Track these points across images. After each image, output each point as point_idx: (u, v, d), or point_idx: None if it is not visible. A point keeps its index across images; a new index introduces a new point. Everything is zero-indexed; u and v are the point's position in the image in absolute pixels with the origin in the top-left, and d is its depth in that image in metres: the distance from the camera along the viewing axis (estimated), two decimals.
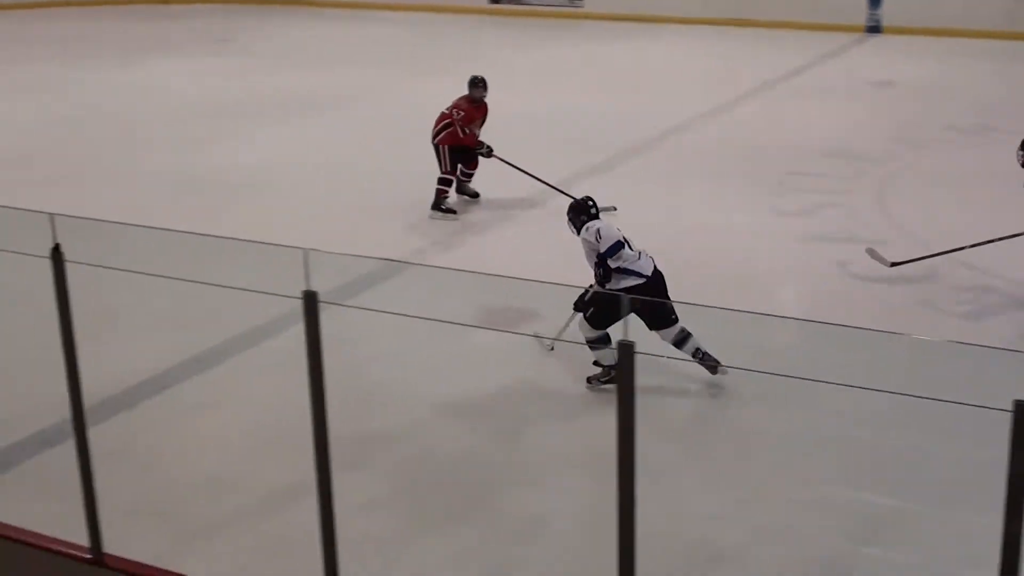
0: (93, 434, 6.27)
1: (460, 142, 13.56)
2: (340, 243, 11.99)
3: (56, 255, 5.87)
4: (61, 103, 20.19)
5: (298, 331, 5.41)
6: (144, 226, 12.08)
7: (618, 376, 4.66)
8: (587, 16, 28.56)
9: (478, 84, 13.74)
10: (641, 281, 8.97)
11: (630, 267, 9.01)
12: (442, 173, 13.57)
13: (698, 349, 9.02)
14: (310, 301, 5.29)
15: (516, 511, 7.57)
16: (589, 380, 9.23)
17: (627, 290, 8.93)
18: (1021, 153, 11.07)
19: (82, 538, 6.33)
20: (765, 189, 14.01)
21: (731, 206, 13.53)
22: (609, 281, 9.02)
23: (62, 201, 12.94)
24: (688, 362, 8.97)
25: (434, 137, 13.69)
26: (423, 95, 19.82)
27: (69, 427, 6.30)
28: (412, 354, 9.65)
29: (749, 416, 8.76)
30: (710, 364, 9.02)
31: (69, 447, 6.38)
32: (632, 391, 4.54)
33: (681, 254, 11.25)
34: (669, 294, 9.04)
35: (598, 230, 9.08)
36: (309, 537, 5.67)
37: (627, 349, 4.55)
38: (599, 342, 9.09)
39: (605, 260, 8.99)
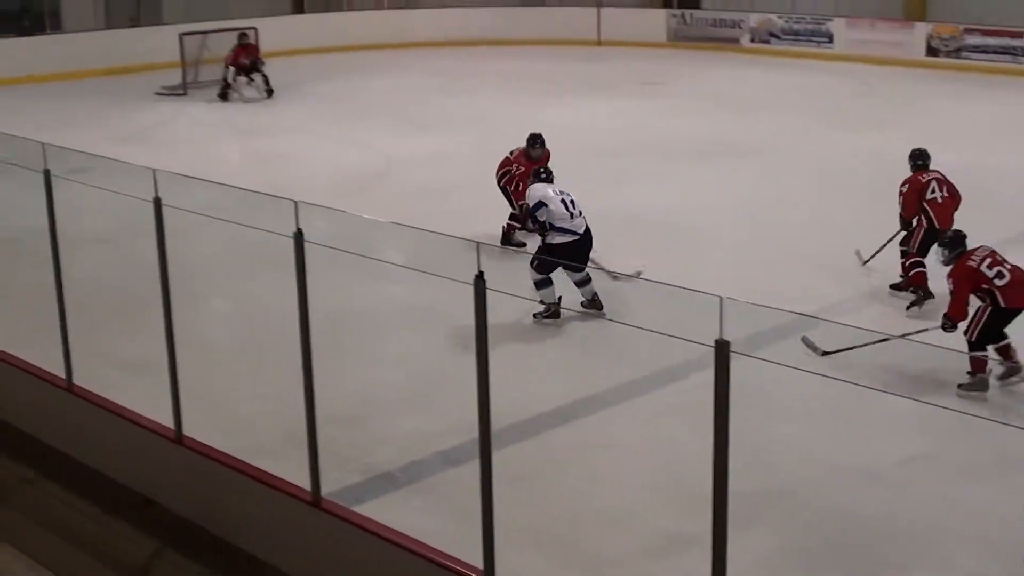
0: (496, 458, 6.43)
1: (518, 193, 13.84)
2: (755, 291, 11.83)
3: (479, 282, 6.06)
4: (492, 136, 20.94)
5: (706, 378, 5.37)
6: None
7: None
8: None
9: (534, 144, 14.05)
10: (575, 238, 11.31)
11: (566, 226, 11.30)
12: (514, 211, 13.94)
13: (595, 296, 11.28)
14: (721, 350, 5.24)
15: None
16: (535, 316, 11.15)
17: (561, 245, 11.26)
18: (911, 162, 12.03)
19: (475, 559, 6.50)
20: None
21: None
22: (547, 235, 11.34)
23: (485, 229, 13.44)
24: None
25: (499, 180, 14.19)
26: (850, 147, 19.51)
27: (474, 448, 6.48)
28: (819, 413, 9.41)
29: None
30: (596, 309, 11.13)
31: (472, 468, 6.56)
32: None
33: None
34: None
35: (530, 190, 11.70)
36: None
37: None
38: (542, 284, 11.18)
39: (531, 214, 11.44)
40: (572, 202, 11.45)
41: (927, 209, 11.95)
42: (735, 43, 31.99)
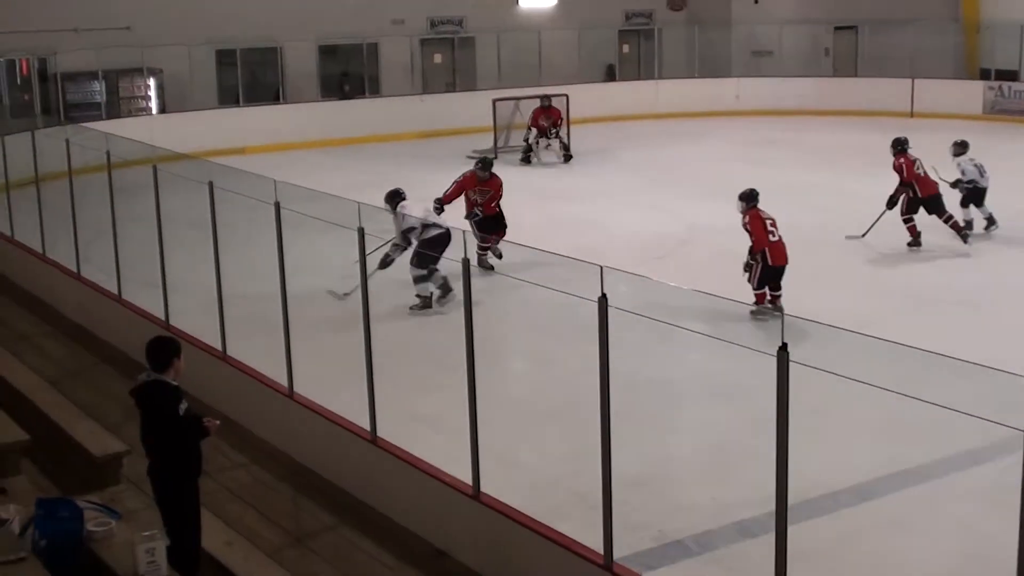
0: (791, 532, 6.30)
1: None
2: None
3: (782, 354, 5.98)
4: (802, 207, 20.63)
5: (1013, 464, 5.14)
6: (864, 334, 12.05)
7: None
8: None
9: (483, 168, 16.85)
10: (443, 231, 13.94)
11: (436, 222, 14.30)
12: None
13: (445, 281, 14.51)
14: None
15: None
16: (410, 308, 14.51)
17: (434, 237, 14.00)
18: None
19: None
20: None
21: None
22: (422, 236, 14.19)
23: (793, 301, 13.25)
24: None
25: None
26: None
27: (769, 521, 6.36)
28: None
29: None
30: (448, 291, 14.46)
31: (766, 541, 6.45)
32: None
33: None
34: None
35: (404, 214, 14.26)
36: None
37: None
38: (420, 280, 14.45)
39: (407, 233, 14.28)
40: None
41: (914, 182, 17.39)
42: None
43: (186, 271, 13.50)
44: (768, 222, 14.07)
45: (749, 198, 14.34)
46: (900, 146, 17.93)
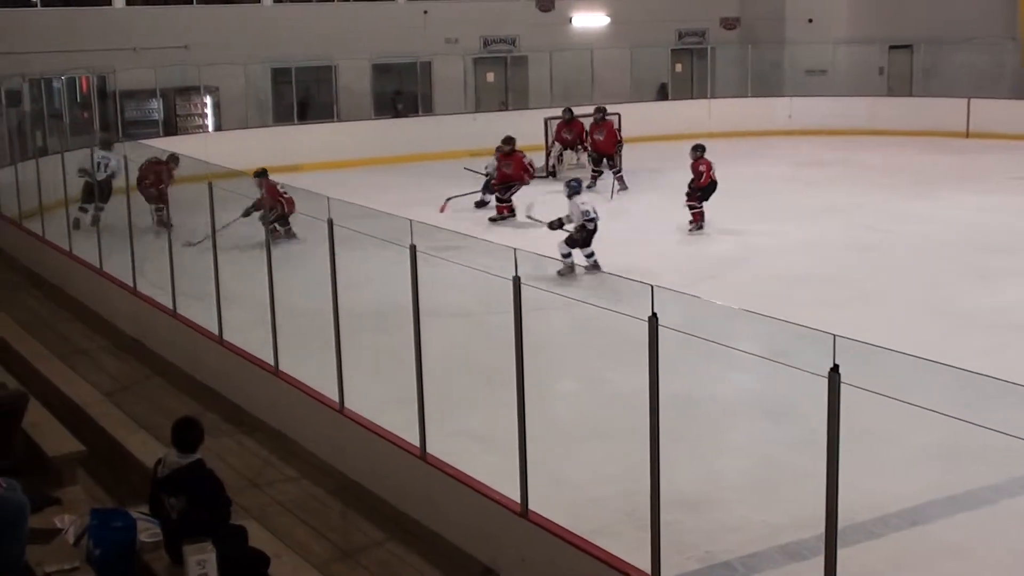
0: (841, 556, 6.27)
1: None
2: None
3: (833, 376, 5.96)
4: (854, 228, 20.55)
5: None
6: (917, 356, 12.00)
7: None
8: None
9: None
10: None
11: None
12: None
13: None
14: None
15: None
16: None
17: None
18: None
19: None
20: None
21: None
22: None
23: (844, 323, 13.17)
24: None
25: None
26: None
27: (818, 545, 6.34)
28: None
29: None
30: None
31: (814, 565, 6.42)
32: None
33: None
34: None
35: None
36: None
37: None
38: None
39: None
40: None
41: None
42: None
43: (240, 286, 13.61)
44: (278, 184, 18.88)
45: (258, 174, 18.78)
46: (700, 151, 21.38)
